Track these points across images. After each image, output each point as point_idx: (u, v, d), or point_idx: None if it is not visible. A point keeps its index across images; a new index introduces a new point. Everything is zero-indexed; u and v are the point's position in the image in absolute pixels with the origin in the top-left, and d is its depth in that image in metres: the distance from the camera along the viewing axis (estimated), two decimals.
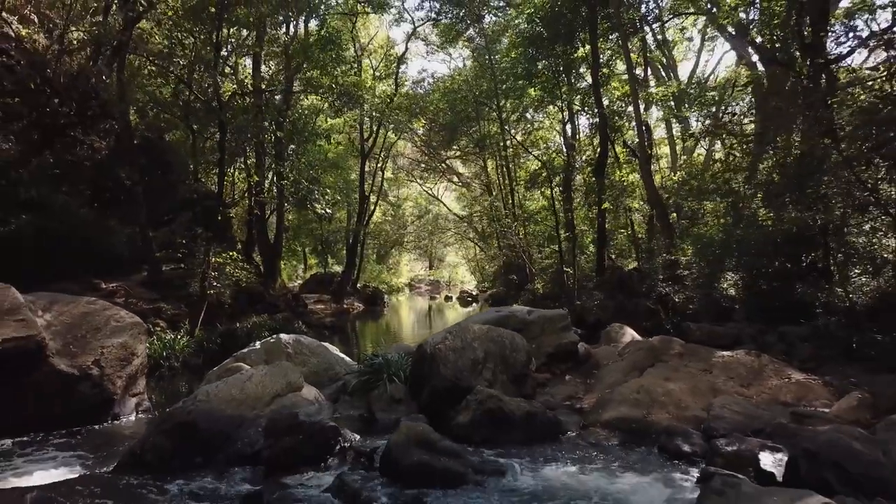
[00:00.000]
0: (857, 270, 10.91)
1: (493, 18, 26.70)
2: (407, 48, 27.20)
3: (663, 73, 29.42)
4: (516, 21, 21.50)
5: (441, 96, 25.47)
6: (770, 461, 3.76)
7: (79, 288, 11.70)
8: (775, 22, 14.13)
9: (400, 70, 26.28)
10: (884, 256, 10.73)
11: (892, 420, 3.84)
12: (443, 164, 34.93)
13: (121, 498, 3.97)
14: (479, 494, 3.71)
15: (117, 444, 5.79)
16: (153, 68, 12.43)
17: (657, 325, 12.17)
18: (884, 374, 6.65)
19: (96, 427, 6.53)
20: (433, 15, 26.13)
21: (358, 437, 4.84)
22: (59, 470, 4.79)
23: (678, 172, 18.32)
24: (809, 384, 6.38)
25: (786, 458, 3.73)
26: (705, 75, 28.44)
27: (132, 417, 7.04)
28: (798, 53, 12.78)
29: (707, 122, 17.33)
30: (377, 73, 27.00)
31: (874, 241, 11.42)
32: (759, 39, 15.22)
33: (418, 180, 37.50)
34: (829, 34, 11.62)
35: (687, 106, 19.26)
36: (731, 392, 5.80)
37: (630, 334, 8.67)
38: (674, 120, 24.46)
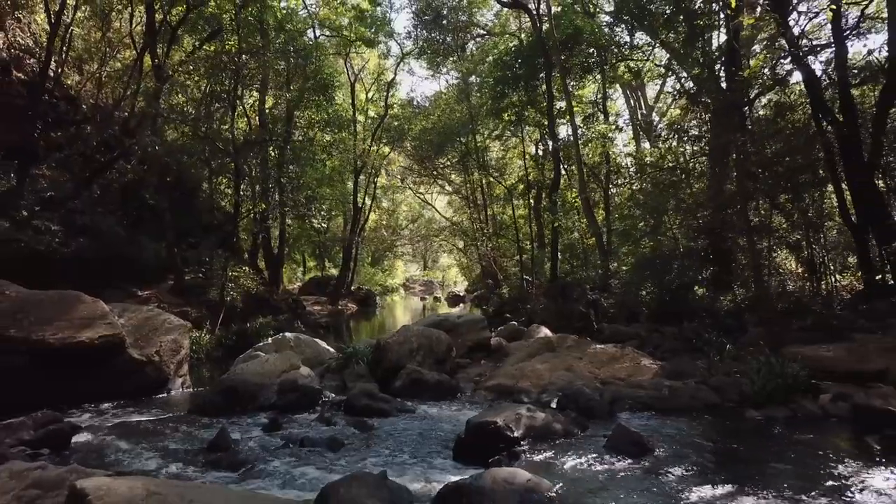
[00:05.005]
0: (736, 283, 13.89)
1: (475, 48, 29.49)
2: (396, 73, 30.30)
3: (630, 93, 32.03)
4: (489, 57, 24.35)
5: (420, 131, 28.05)
6: (555, 402, 6.75)
7: (121, 294, 14.69)
8: (695, 71, 16.91)
9: (390, 93, 29.45)
10: (759, 272, 13.69)
11: (631, 381, 6.83)
12: (434, 172, 37.37)
13: (194, 424, 6.93)
14: (396, 419, 6.70)
15: (175, 405, 8.68)
16: (185, 129, 15.37)
17: (587, 326, 14.97)
18: (703, 360, 9.60)
19: (157, 397, 9.23)
20: (420, 43, 28.95)
21: (334, 395, 7.83)
22: (149, 415, 7.74)
23: (643, 184, 20.95)
24: (646, 367, 9.21)
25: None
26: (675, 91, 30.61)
27: (180, 391, 9.69)
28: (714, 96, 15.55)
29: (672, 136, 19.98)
30: (370, 96, 30.18)
31: (763, 259, 14.44)
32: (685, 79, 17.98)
33: (411, 186, 39.77)
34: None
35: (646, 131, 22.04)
36: (583, 371, 8.70)
37: (544, 332, 11.58)
38: (643, 136, 27.10)
